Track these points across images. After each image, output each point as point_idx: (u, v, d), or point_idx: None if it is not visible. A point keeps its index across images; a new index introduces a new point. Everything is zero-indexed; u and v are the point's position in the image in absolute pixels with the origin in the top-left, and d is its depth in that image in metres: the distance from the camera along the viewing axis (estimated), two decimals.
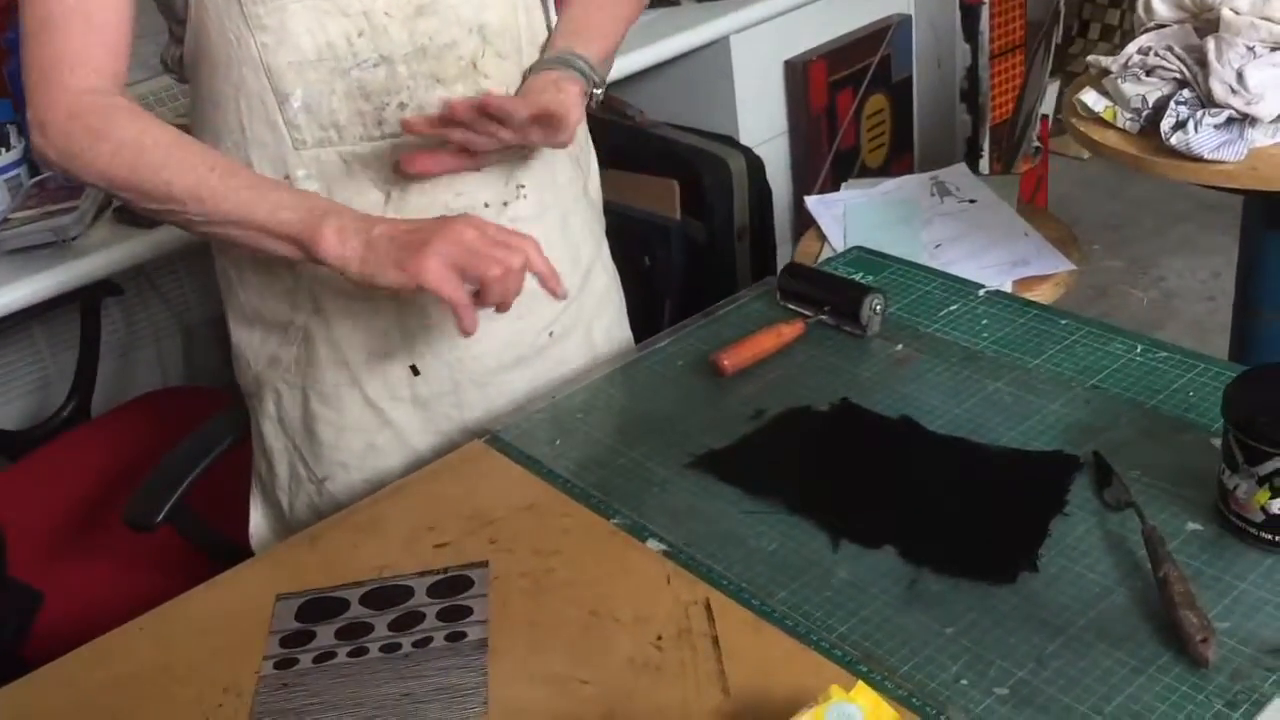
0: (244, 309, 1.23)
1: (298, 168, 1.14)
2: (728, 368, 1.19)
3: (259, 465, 1.32)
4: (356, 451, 1.23)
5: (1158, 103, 1.38)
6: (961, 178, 1.99)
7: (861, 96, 2.64)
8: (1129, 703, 0.79)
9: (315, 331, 1.19)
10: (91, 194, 1.77)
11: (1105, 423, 1.06)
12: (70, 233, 1.69)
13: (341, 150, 1.13)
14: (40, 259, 1.71)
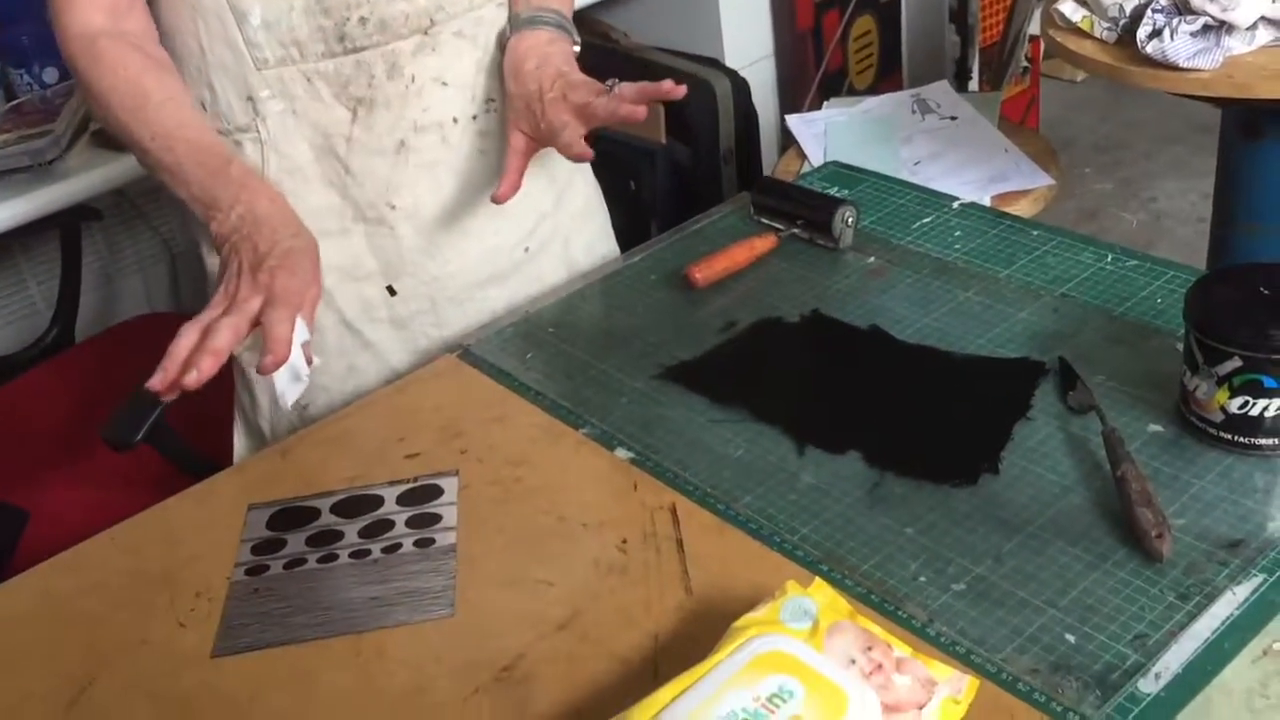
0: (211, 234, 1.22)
1: (261, 88, 1.13)
2: (699, 280, 1.19)
3: (240, 396, 1.32)
4: (337, 374, 1.23)
5: (1134, 11, 1.37)
6: (943, 95, 1.97)
7: (849, 17, 2.61)
8: (1083, 596, 0.81)
9: None
10: (68, 117, 1.76)
11: (1072, 330, 1.07)
12: (46, 156, 1.68)
13: (304, 68, 1.13)
14: (18, 183, 1.71)
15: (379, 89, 1.14)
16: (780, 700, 0.69)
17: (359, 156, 1.16)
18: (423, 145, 1.18)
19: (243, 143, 1.15)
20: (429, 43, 1.15)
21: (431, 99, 1.16)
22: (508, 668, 0.82)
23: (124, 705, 0.83)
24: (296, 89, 1.13)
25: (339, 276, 1.20)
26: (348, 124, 1.14)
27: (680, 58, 2.42)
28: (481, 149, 1.22)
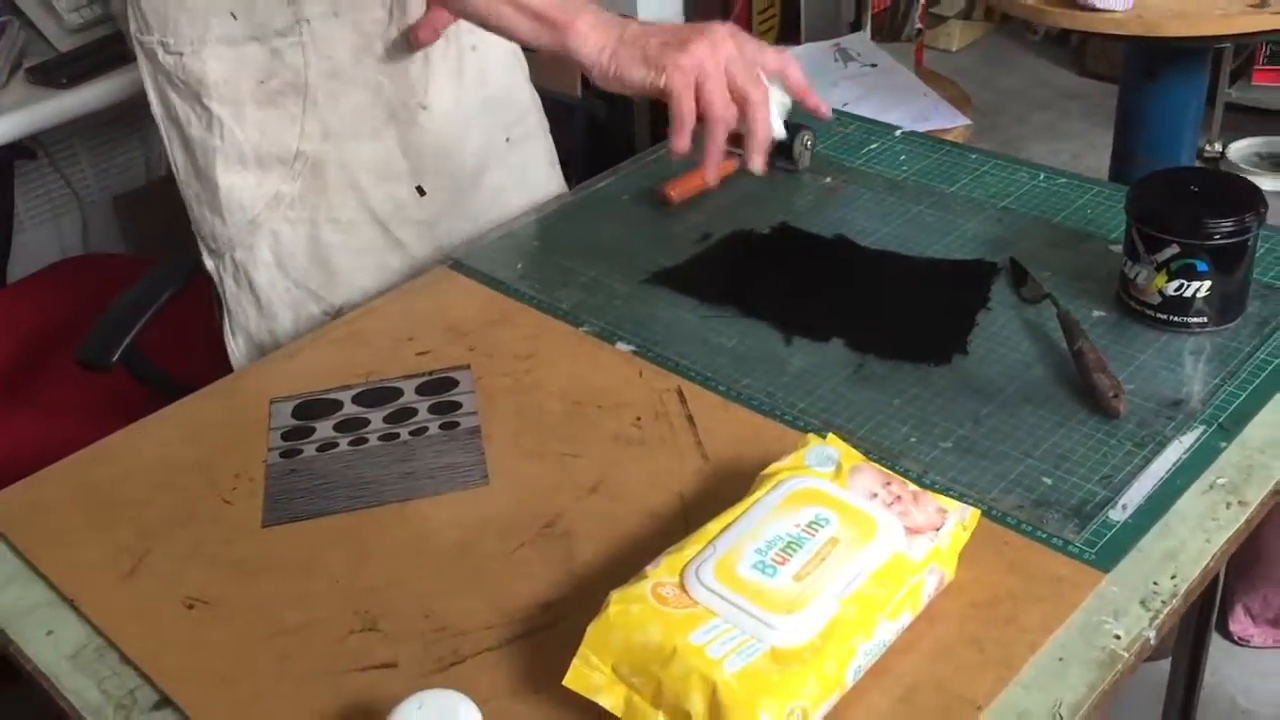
0: (239, 151, 1.23)
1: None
2: (674, 197, 1.28)
3: (242, 318, 1.31)
4: (371, 272, 1.28)
5: None
6: (862, 45, 2.10)
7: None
8: (1054, 448, 0.92)
9: (325, 157, 1.23)
10: (5, 50, 1.74)
11: (1016, 237, 1.19)
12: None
13: None
14: None
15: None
16: (818, 526, 0.79)
17: (394, 56, 1.21)
18: (442, 43, 1.25)
19: (281, 49, 1.19)
20: None
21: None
22: (549, 525, 0.89)
23: (183, 570, 0.88)
24: None
25: (373, 177, 1.25)
26: (385, 24, 1.20)
27: None
28: (473, 44, 1.30)
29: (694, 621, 0.73)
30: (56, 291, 1.83)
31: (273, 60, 1.19)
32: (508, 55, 1.37)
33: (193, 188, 1.29)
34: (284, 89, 1.20)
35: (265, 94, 1.21)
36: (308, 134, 1.22)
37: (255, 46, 1.19)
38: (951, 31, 3.69)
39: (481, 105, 1.33)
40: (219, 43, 1.19)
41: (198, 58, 1.20)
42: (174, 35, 1.20)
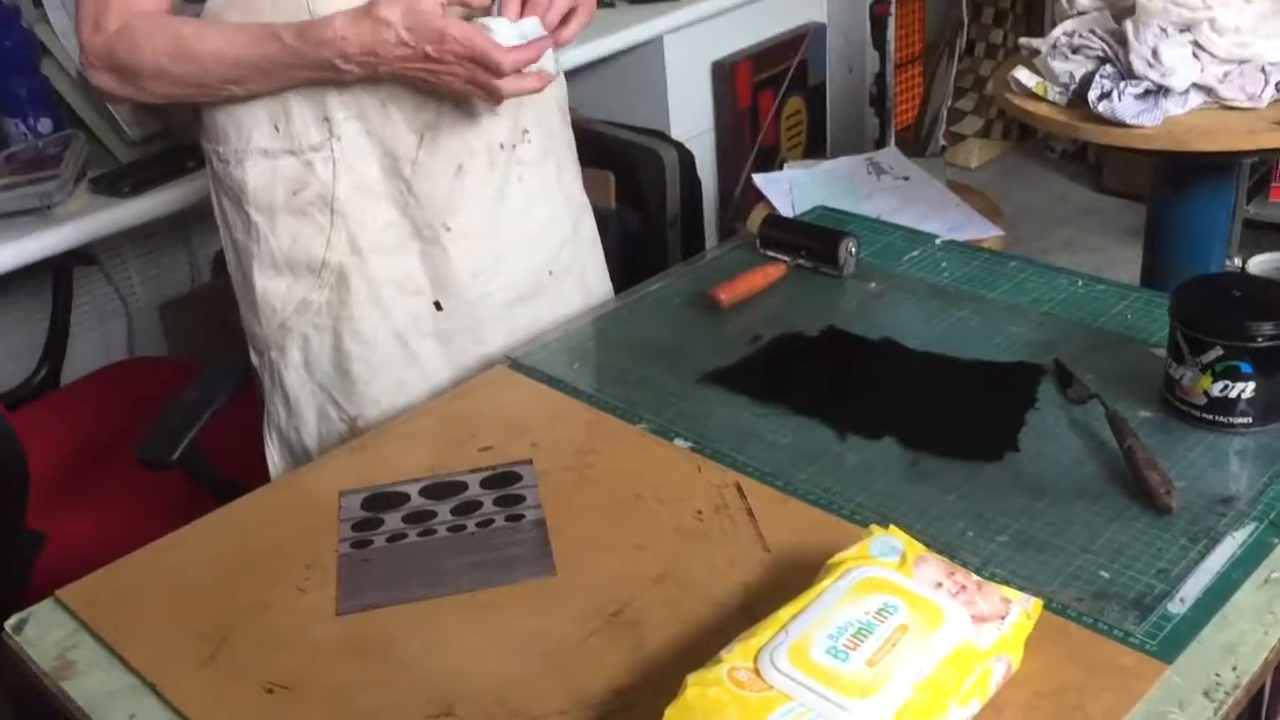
0: (273, 256, 1.29)
1: (337, 109, 1.23)
2: (724, 301, 1.32)
3: (276, 416, 1.38)
4: (387, 387, 1.32)
5: (1084, 77, 1.57)
6: (894, 159, 2.17)
7: (781, 97, 2.82)
8: (1109, 543, 0.94)
9: (350, 270, 1.28)
10: (71, 162, 1.82)
11: (1059, 340, 1.22)
12: (54, 198, 1.74)
13: (381, 93, 1.23)
14: (19, 225, 1.75)
15: (445, 115, 1.25)
16: (887, 613, 0.81)
17: (422, 178, 1.27)
18: (476, 168, 1.29)
19: (314, 161, 1.25)
20: None
21: (486, 125, 1.28)
22: (617, 613, 0.91)
23: (262, 656, 0.90)
24: (371, 112, 1.24)
25: (394, 290, 1.29)
26: (415, 147, 1.25)
27: (629, 130, 2.57)
28: (520, 175, 1.34)
29: (770, 705, 0.75)
30: (111, 393, 1.88)
31: (305, 172, 1.25)
32: (555, 190, 1.40)
33: (239, 288, 1.36)
34: (314, 200, 1.26)
35: (297, 204, 1.27)
36: (334, 245, 1.28)
37: (290, 159, 1.25)
38: (970, 149, 3.78)
39: (523, 237, 1.36)
40: (259, 154, 1.26)
41: (241, 166, 1.27)
42: (224, 144, 1.28)
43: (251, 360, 1.40)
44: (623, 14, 2.54)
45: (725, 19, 2.64)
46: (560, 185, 1.40)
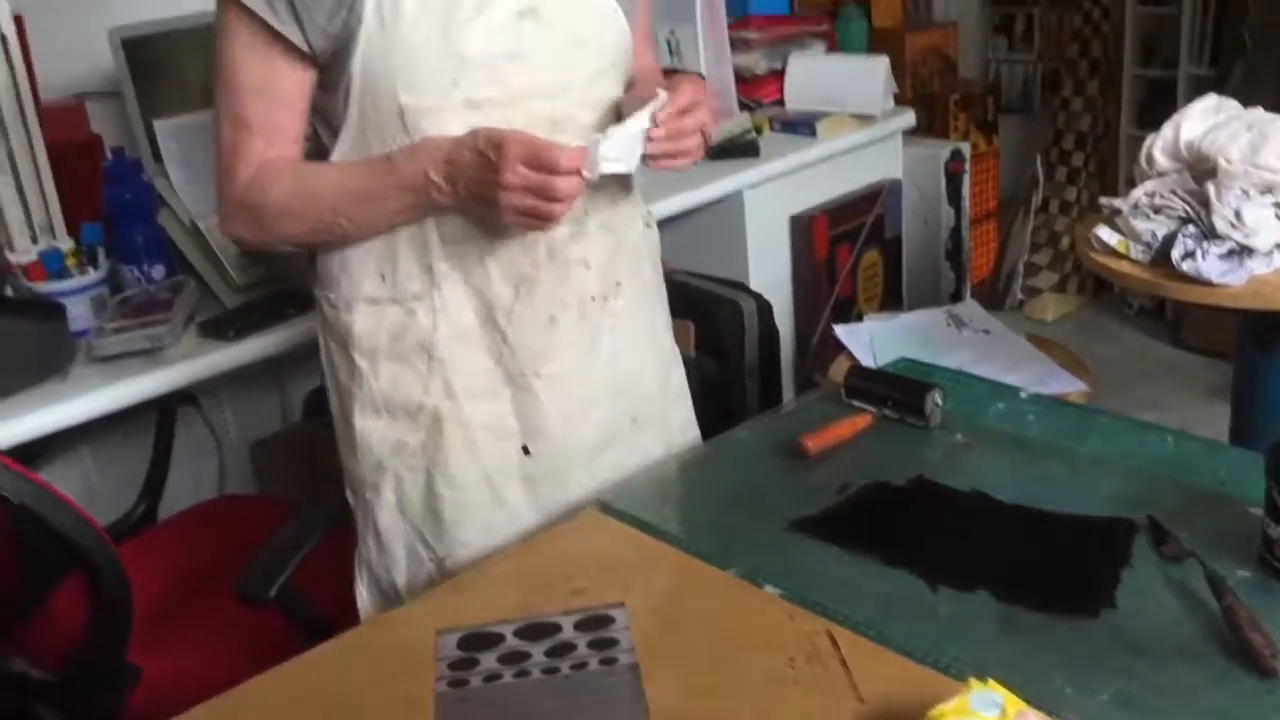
0: (373, 399, 1.34)
1: (439, 261, 1.29)
2: (812, 449, 1.34)
3: (367, 554, 1.41)
4: (476, 529, 1.35)
5: (1166, 236, 1.60)
6: (973, 312, 2.19)
7: (858, 250, 2.87)
8: (1213, 705, 0.93)
9: (445, 414, 1.32)
10: (181, 306, 1.91)
11: (1151, 496, 1.22)
12: (165, 340, 1.82)
13: (480, 247, 1.29)
14: (127, 367, 1.83)
15: (540, 269, 1.31)
16: None
17: (516, 328, 1.31)
18: (568, 320, 1.34)
19: (415, 310, 1.31)
20: (580, 231, 1.33)
21: (577, 278, 1.34)
22: None
23: None
24: (470, 264, 1.30)
25: (485, 434, 1.33)
26: (510, 299, 1.30)
27: (709, 280, 2.63)
28: (611, 326, 1.38)
29: None
30: (207, 530, 1.92)
31: (408, 320, 1.31)
32: (646, 341, 1.44)
33: (339, 429, 1.40)
34: (415, 347, 1.32)
35: (399, 350, 1.32)
36: (431, 390, 1.32)
37: (394, 307, 1.32)
38: (1046, 303, 3.80)
39: (610, 386, 1.39)
40: (366, 301, 1.33)
41: (349, 312, 1.33)
42: (335, 291, 1.35)
43: (347, 499, 1.44)
44: (705, 169, 2.62)
45: (803, 175, 2.72)
46: (651, 336, 1.45)
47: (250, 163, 1.27)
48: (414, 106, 1.23)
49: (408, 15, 1.21)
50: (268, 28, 1.22)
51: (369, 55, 1.22)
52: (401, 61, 1.21)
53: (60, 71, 2.23)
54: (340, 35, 1.22)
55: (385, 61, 1.22)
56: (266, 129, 1.26)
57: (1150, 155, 1.68)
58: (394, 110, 1.23)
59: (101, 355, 1.82)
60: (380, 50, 1.22)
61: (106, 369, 1.82)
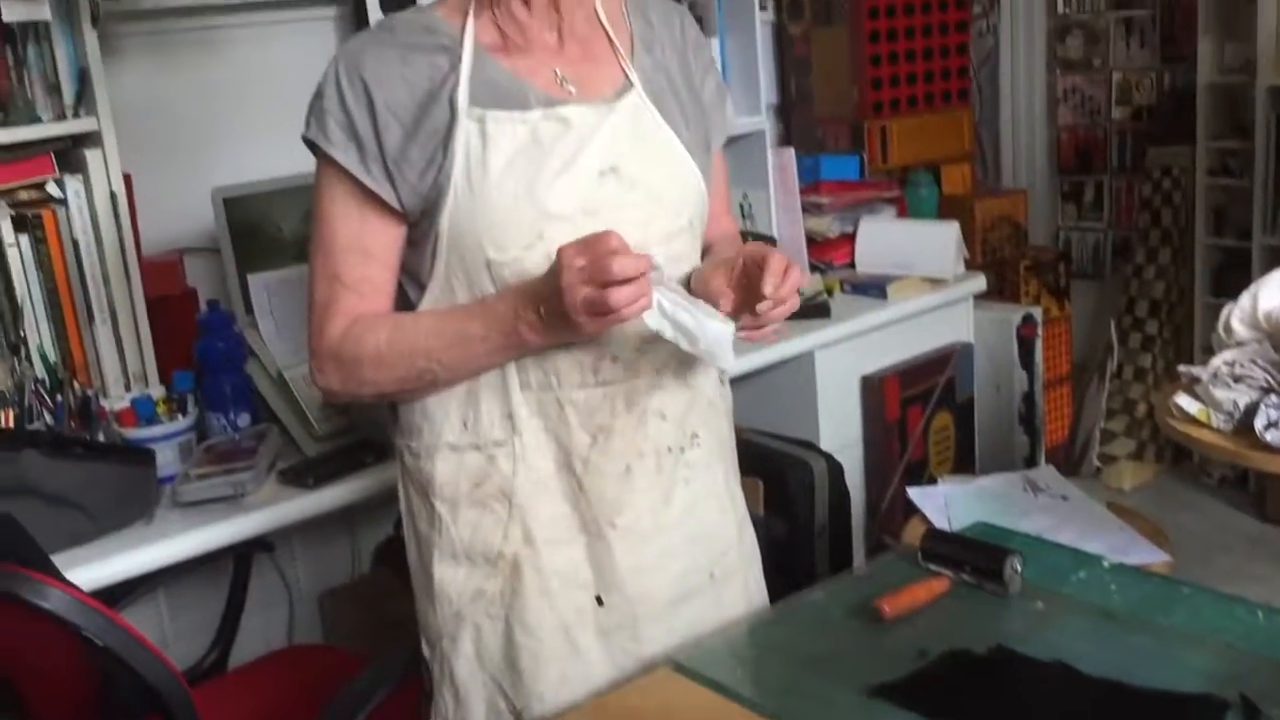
0: (453, 546, 1.36)
1: (520, 406, 1.32)
2: (888, 613, 1.32)
3: (443, 708, 1.39)
4: (552, 682, 1.34)
5: (1248, 406, 1.58)
6: (1051, 478, 2.17)
7: (930, 413, 2.87)
8: None
9: (524, 561, 1.33)
10: (265, 454, 1.95)
11: (1242, 673, 1.18)
12: (248, 488, 1.86)
13: (560, 395, 1.32)
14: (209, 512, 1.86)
15: (618, 418, 1.33)
16: None
17: (593, 477, 1.33)
18: (643, 470, 1.35)
19: (496, 456, 1.33)
20: (658, 382, 1.36)
21: (654, 429, 1.35)
22: None
23: None
24: (550, 411, 1.32)
25: (561, 582, 1.33)
26: (587, 447, 1.32)
27: (779, 439, 2.64)
28: (686, 478, 1.39)
29: None
30: (277, 679, 1.93)
31: (488, 466, 1.33)
32: (722, 495, 1.45)
33: (417, 579, 1.41)
34: (495, 493, 1.33)
35: (479, 496, 1.34)
36: (511, 536, 1.33)
37: (475, 454, 1.34)
38: (1123, 471, 3.73)
39: (686, 538, 1.39)
40: (447, 448, 1.35)
41: (431, 460, 1.36)
42: (416, 440, 1.38)
43: (415, 651, 1.44)
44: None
45: (875, 336, 2.74)
46: (727, 488, 1.46)
47: (344, 317, 1.32)
48: (499, 260, 1.28)
49: (494, 174, 1.27)
50: (362, 186, 1.29)
51: (456, 212, 1.28)
52: (488, 218, 1.27)
53: (163, 227, 2.35)
54: (429, 194, 1.28)
55: (472, 218, 1.27)
56: (359, 284, 1.31)
57: (1228, 324, 1.68)
58: (480, 263, 1.28)
59: (185, 500, 1.87)
60: (468, 207, 1.27)
61: (189, 514, 1.86)
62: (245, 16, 2.46)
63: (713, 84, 1.45)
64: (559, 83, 1.32)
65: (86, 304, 2.06)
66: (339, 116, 1.28)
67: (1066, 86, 4.07)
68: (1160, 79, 3.88)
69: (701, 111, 1.42)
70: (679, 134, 1.36)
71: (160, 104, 2.37)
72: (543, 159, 1.27)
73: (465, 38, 1.31)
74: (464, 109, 1.27)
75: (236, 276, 2.24)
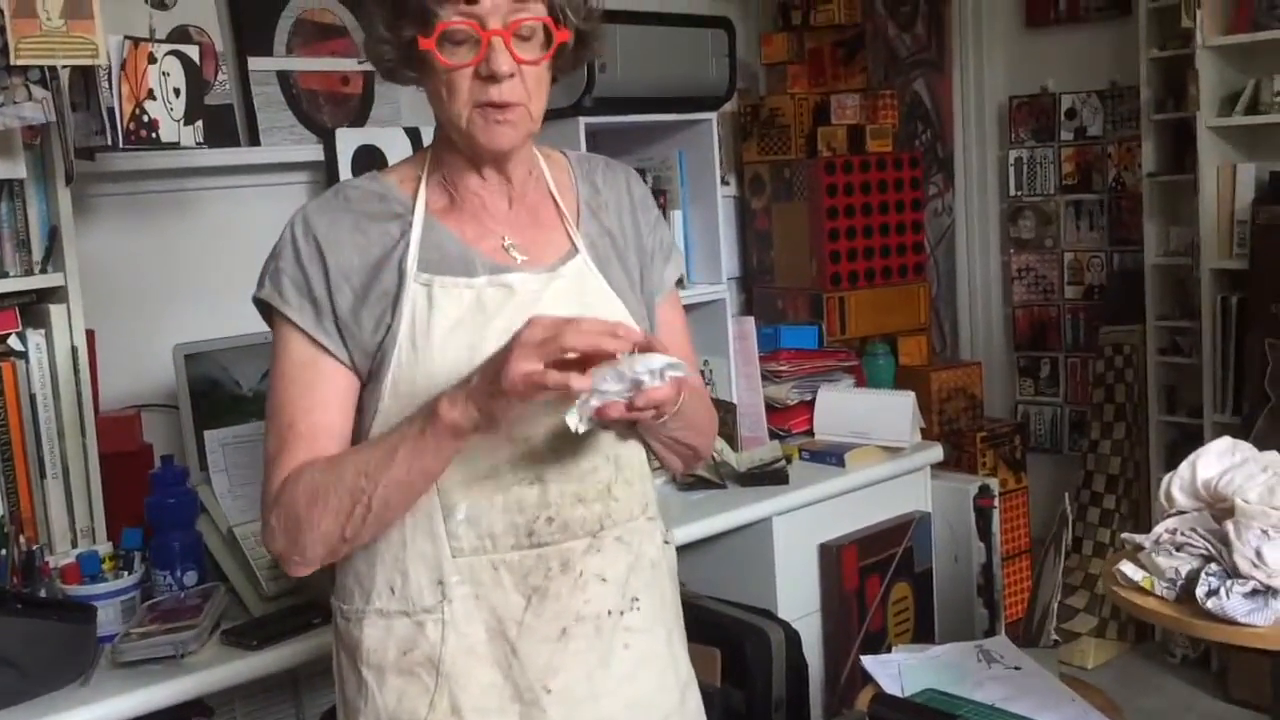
0: (378, 715, 1.34)
1: (452, 574, 1.31)
2: None
3: None
4: None
5: (1190, 574, 1.59)
6: (1004, 647, 2.16)
7: (888, 582, 2.86)
8: None
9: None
10: (209, 613, 1.92)
11: None
12: (189, 647, 1.82)
13: (493, 558, 1.31)
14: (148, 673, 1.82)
15: (553, 580, 1.32)
16: None
17: (526, 641, 1.31)
18: (581, 634, 1.34)
19: (425, 623, 1.31)
20: (596, 544, 1.35)
21: (593, 593, 1.34)
22: None
23: None
24: (483, 576, 1.31)
25: None
26: (521, 610, 1.31)
27: (736, 607, 2.61)
28: (626, 642, 1.37)
29: None
30: None
31: (416, 633, 1.31)
32: (664, 658, 1.42)
33: None
34: (422, 661, 1.31)
35: (406, 664, 1.32)
36: (437, 706, 1.31)
37: (404, 620, 1.32)
38: (1086, 648, 3.71)
39: (625, 704, 1.37)
40: (376, 614, 1.34)
41: (359, 625, 1.34)
42: (349, 603, 1.37)
43: None
44: (733, 495, 2.67)
45: (832, 504, 2.75)
46: (670, 653, 1.44)
47: (294, 461, 1.31)
48: None
49: (438, 337, 1.29)
50: (315, 340, 1.31)
51: (399, 372, 1.30)
52: (430, 380, 1.28)
53: (122, 382, 2.36)
54: (376, 355, 1.31)
55: (413, 380, 1.29)
56: (312, 430, 1.31)
57: (1169, 493, 1.70)
58: None
59: (124, 660, 1.82)
60: (410, 368, 1.29)
61: (127, 675, 1.82)
62: (219, 179, 2.53)
63: (658, 237, 1.49)
64: (506, 249, 1.36)
65: (39, 458, 2.04)
66: (295, 276, 1.31)
67: (1020, 265, 4.20)
68: (1110, 259, 4.02)
69: (649, 270, 1.46)
70: (624, 298, 1.40)
71: (127, 261, 2.41)
72: (485, 323, 1.30)
73: (417, 205, 1.35)
74: (412, 274, 1.31)
75: (194, 432, 2.24)
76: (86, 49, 1.85)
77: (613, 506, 1.36)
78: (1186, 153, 3.60)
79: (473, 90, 1.28)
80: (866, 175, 3.49)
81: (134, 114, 1.99)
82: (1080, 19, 3.98)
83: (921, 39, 4.08)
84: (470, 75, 1.28)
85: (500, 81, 1.27)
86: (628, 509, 1.39)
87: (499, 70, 1.26)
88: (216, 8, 2.56)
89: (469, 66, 1.27)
